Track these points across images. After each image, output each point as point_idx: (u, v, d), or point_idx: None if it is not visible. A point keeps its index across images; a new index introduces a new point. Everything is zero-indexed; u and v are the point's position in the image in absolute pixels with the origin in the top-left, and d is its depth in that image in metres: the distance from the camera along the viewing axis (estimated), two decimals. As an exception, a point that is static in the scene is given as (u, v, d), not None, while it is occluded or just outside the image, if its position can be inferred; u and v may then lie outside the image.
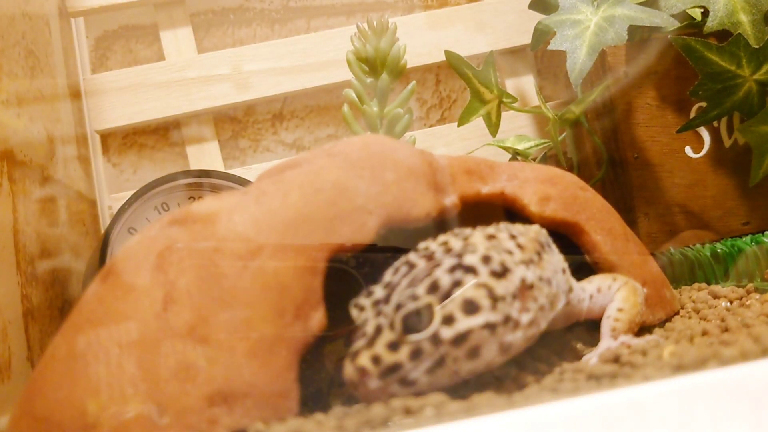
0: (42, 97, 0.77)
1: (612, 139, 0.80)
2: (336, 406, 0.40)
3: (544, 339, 0.46)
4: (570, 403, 0.31)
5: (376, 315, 0.40)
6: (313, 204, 0.43)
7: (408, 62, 0.74)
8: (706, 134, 0.79)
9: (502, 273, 0.41)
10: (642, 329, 0.52)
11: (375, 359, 0.39)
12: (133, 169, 0.97)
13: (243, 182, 0.75)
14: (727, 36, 0.71)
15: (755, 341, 0.36)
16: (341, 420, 0.36)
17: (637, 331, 0.49)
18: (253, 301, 0.40)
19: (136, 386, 0.38)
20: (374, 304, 0.41)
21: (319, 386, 0.47)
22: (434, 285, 0.40)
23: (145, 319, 0.39)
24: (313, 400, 0.43)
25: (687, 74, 0.75)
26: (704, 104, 0.74)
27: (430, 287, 0.40)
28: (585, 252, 0.53)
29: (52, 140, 0.78)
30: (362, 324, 0.41)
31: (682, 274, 0.70)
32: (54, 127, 0.79)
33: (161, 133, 0.97)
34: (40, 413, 0.39)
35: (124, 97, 0.91)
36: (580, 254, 0.53)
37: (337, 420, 0.36)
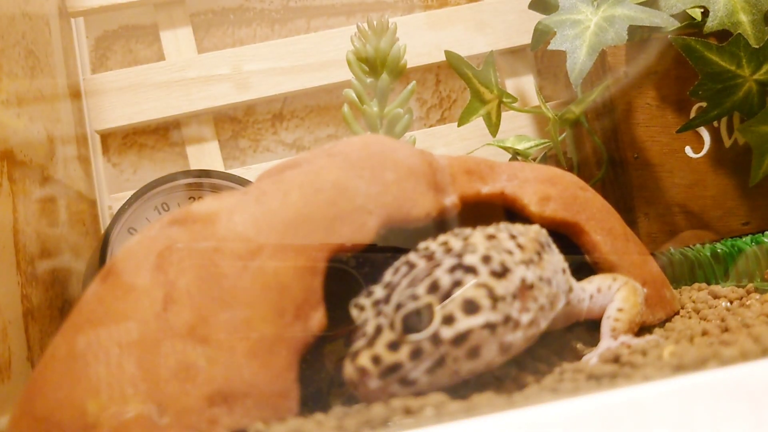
0: (42, 97, 0.77)
1: (612, 139, 0.80)
2: (336, 406, 0.40)
3: (544, 339, 0.46)
4: (570, 403, 0.31)
5: (376, 315, 0.40)
6: (313, 204, 0.43)
7: (408, 62, 0.74)
8: (706, 134, 0.79)
9: (502, 273, 0.41)
10: (642, 329, 0.52)
11: (375, 359, 0.39)
12: (133, 169, 0.97)
13: (243, 182, 0.75)
14: (727, 36, 0.71)
15: (755, 341, 0.36)
16: (341, 420, 0.36)
17: (637, 331, 0.49)
18: (253, 301, 0.40)
19: (136, 386, 0.38)
20: (374, 304, 0.41)
21: (319, 386, 0.47)
22: (434, 285, 0.40)
23: (145, 319, 0.39)
24: (313, 400, 0.43)
25: (687, 74, 0.75)
26: (704, 104, 0.74)
27: (430, 287, 0.40)
28: (585, 252, 0.53)
29: (52, 140, 0.78)
30: (362, 324, 0.41)
31: (682, 274, 0.70)
32: (54, 127, 0.79)
33: (161, 133, 0.97)
34: (40, 413, 0.39)
35: (124, 97, 0.91)
36: (580, 254, 0.53)
37: (337, 420, 0.36)
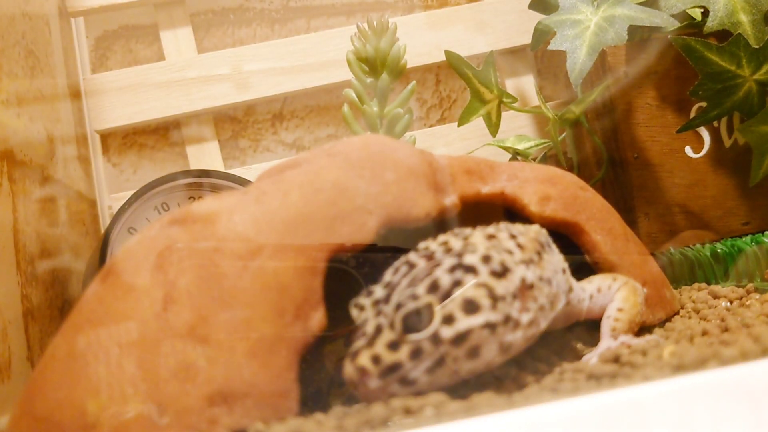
0: (42, 97, 0.77)
1: (612, 139, 0.80)
2: (336, 406, 0.40)
3: (544, 339, 0.46)
4: (570, 403, 0.31)
5: (376, 315, 0.40)
6: (313, 204, 0.43)
7: (408, 62, 0.74)
8: (706, 134, 0.79)
9: (502, 273, 0.41)
10: (642, 329, 0.52)
11: (375, 359, 0.39)
12: (133, 169, 0.97)
13: (243, 182, 0.75)
14: (727, 36, 0.71)
15: (755, 341, 0.36)
16: (341, 420, 0.36)
17: (637, 331, 0.49)
18: (253, 301, 0.40)
19: (136, 386, 0.38)
20: (374, 304, 0.41)
21: (319, 386, 0.47)
22: (434, 285, 0.40)
23: (145, 319, 0.39)
24: (313, 400, 0.43)
25: (687, 74, 0.75)
26: (704, 104, 0.74)
27: (430, 287, 0.40)
28: (585, 252, 0.53)
29: (52, 140, 0.78)
30: (362, 324, 0.41)
31: (682, 274, 0.70)
32: (54, 127, 0.79)
33: (161, 133, 0.97)
34: (40, 413, 0.39)
35: (124, 97, 0.91)
36: (580, 254, 0.53)
37: (337, 420, 0.36)
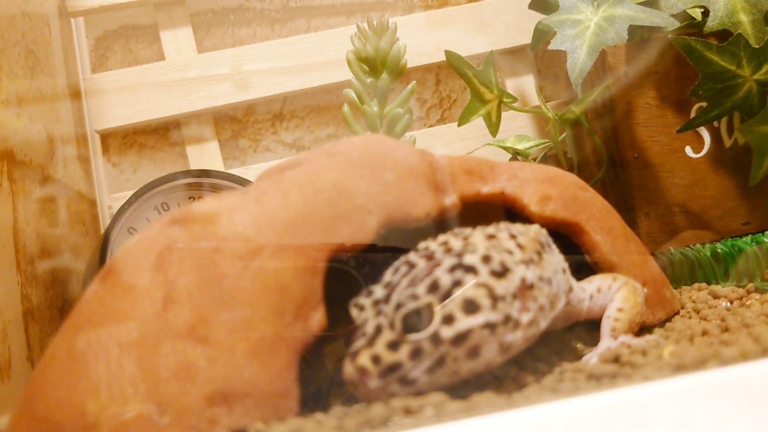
0: (42, 97, 0.77)
1: (612, 139, 0.80)
2: (336, 406, 0.40)
3: (544, 339, 0.46)
4: (570, 403, 0.31)
5: (376, 315, 0.40)
6: (313, 204, 0.43)
7: (408, 62, 0.74)
8: (706, 134, 0.79)
9: (502, 273, 0.41)
10: (642, 329, 0.52)
11: (375, 359, 0.39)
12: (133, 169, 0.97)
13: (243, 182, 0.75)
14: (727, 36, 0.71)
15: (755, 341, 0.36)
16: (341, 420, 0.36)
17: (637, 331, 0.49)
18: (253, 301, 0.40)
19: (136, 386, 0.38)
20: (374, 304, 0.41)
21: (319, 386, 0.47)
22: (434, 284, 0.40)
23: (145, 319, 0.39)
24: (313, 400, 0.43)
25: (687, 74, 0.75)
26: (704, 104, 0.74)
27: (430, 287, 0.40)
28: (585, 252, 0.53)
29: (52, 140, 0.78)
30: (362, 324, 0.41)
31: (682, 274, 0.70)
32: (54, 127, 0.79)
33: (161, 133, 0.97)
34: (40, 413, 0.39)
35: (124, 97, 0.91)
36: (580, 254, 0.53)
37: (337, 420, 0.36)
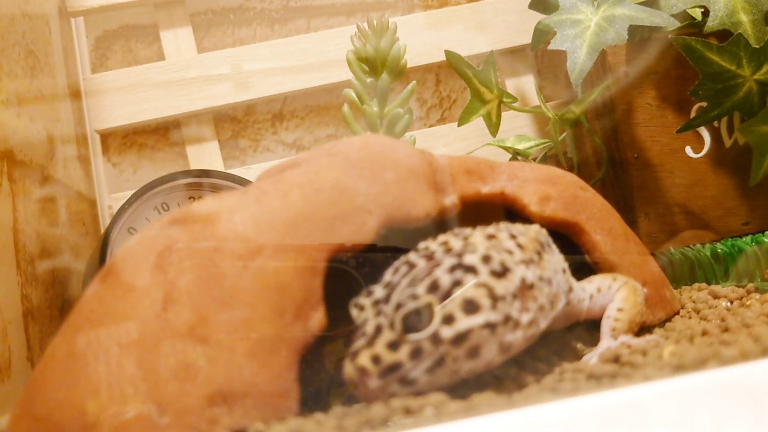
0: (42, 97, 0.77)
1: (612, 139, 0.80)
2: (336, 406, 0.40)
3: (544, 339, 0.46)
4: (570, 403, 0.31)
5: (376, 315, 0.40)
6: (313, 204, 0.43)
7: (408, 62, 0.74)
8: (706, 134, 0.79)
9: (502, 273, 0.41)
10: (642, 329, 0.52)
11: (375, 359, 0.39)
12: (133, 169, 0.97)
13: (243, 182, 0.75)
14: (727, 36, 0.71)
15: (755, 341, 0.36)
16: (341, 420, 0.36)
17: (637, 331, 0.49)
18: (253, 301, 0.40)
19: (136, 386, 0.38)
20: (374, 304, 0.41)
21: (319, 386, 0.47)
22: (434, 284, 0.40)
23: (145, 319, 0.39)
24: (313, 400, 0.43)
25: (687, 74, 0.75)
26: (704, 104, 0.74)
27: (430, 287, 0.40)
28: (585, 252, 0.53)
29: (52, 140, 0.78)
30: (362, 324, 0.41)
31: (682, 274, 0.70)
32: (54, 127, 0.79)
33: (161, 133, 0.97)
34: (40, 413, 0.39)
35: (124, 97, 0.91)
36: (580, 254, 0.53)
37: (337, 420, 0.36)
